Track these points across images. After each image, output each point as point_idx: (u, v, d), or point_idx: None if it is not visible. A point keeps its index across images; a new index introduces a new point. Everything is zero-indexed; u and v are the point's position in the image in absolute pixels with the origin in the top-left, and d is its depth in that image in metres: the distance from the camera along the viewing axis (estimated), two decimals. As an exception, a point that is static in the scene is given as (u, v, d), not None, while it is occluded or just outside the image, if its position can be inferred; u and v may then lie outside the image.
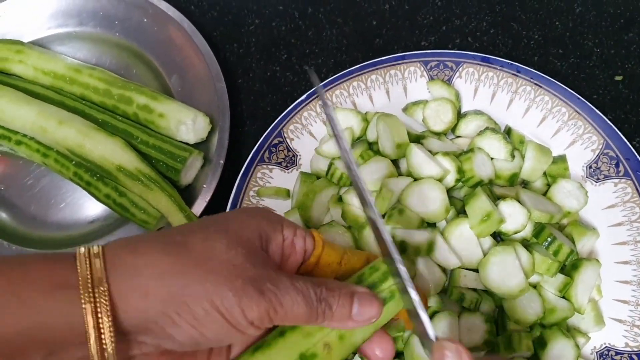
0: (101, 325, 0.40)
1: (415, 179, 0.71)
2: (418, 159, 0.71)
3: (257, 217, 0.49)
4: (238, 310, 0.43)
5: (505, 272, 0.65)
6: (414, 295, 0.45)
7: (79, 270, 0.41)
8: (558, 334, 0.64)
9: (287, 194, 0.79)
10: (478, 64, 0.81)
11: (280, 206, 0.78)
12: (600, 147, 0.76)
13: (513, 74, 0.80)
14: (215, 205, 0.77)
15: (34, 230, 0.83)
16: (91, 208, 0.84)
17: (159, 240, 0.45)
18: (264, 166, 0.79)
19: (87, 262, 0.41)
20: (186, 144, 0.80)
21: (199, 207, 0.76)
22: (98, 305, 0.40)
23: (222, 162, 0.78)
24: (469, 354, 0.44)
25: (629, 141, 0.75)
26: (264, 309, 0.43)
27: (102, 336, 0.40)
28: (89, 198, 0.81)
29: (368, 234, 0.68)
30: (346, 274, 0.52)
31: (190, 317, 0.42)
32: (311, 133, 0.81)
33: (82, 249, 0.43)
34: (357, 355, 0.62)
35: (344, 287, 0.47)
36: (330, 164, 0.77)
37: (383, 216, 0.70)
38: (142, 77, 0.90)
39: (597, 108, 0.77)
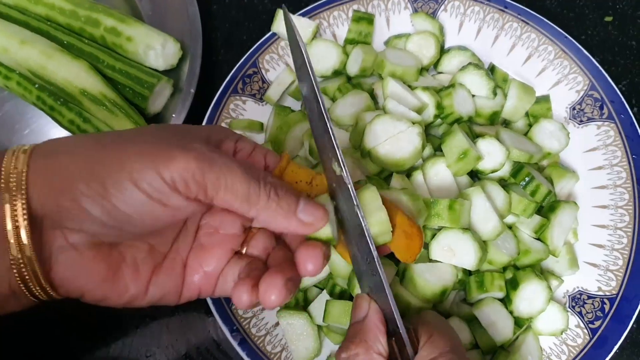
0: (17, 220, 0.40)
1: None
2: (395, 92, 0.68)
3: (208, 127, 0.49)
4: (155, 176, 0.41)
5: (478, 216, 0.63)
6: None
7: (2, 173, 0.41)
8: (531, 275, 0.63)
9: (260, 127, 0.76)
10: (465, -3, 0.78)
11: (253, 139, 0.75)
12: (585, 88, 0.73)
13: (500, 9, 0.77)
14: (185, 136, 0.74)
15: (-5, 157, 0.80)
16: (56, 135, 0.80)
17: (91, 134, 0.46)
18: (237, 97, 0.75)
19: (13, 163, 0.41)
20: (155, 70, 0.76)
21: (167, 137, 0.73)
22: (15, 206, 0.40)
23: (192, 91, 0.74)
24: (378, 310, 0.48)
25: (615, 84, 0.72)
26: (186, 166, 0.41)
27: (18, 226, 0.40)
28: (54, 125, 0.77)
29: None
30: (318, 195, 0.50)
31: (101, 188, 0.41)
32: (288, 64, 0.78)
33: (14, 147, 0.43)
34: None
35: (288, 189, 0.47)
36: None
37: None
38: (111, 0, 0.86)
39: (584, 49, 0.74)
